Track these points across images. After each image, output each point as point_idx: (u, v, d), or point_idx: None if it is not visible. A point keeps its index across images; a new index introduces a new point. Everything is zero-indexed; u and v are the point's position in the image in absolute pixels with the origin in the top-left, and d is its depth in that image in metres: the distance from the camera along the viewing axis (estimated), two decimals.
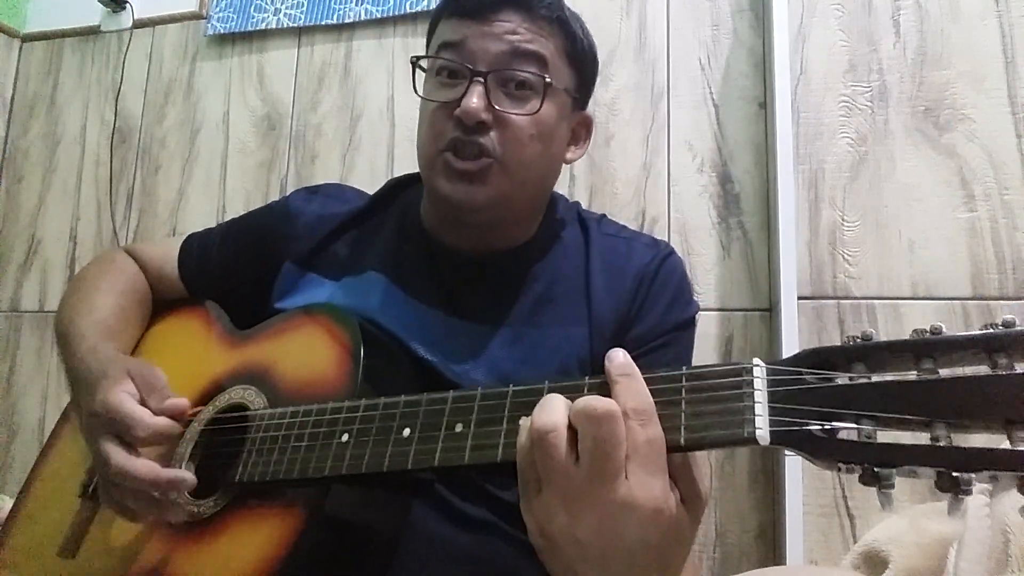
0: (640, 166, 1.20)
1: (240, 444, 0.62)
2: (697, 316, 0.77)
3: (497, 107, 0.68)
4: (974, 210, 1.02)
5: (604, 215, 0.85)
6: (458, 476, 0.67)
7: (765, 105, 1.16)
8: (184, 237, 0.90)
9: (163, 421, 0.61)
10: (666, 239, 1.16)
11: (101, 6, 1.59)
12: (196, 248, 0.87)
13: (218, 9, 1.50)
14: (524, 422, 0.42)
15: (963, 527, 0.73)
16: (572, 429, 0.40)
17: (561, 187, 1.21)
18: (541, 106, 0.69)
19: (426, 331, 0.72)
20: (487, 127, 0.67)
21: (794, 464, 0.94)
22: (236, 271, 0.84)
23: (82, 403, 0.65)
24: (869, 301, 1.05)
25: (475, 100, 0.66)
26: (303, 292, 0.77)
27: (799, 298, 1.01)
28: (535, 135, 0.70)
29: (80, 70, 1.62)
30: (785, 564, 0.93)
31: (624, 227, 0.83)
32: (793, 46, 1.12)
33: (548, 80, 0.69)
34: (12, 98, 1.66)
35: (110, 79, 1.58)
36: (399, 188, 0.85)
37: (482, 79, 0.67)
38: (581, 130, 0.79)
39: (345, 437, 0.55)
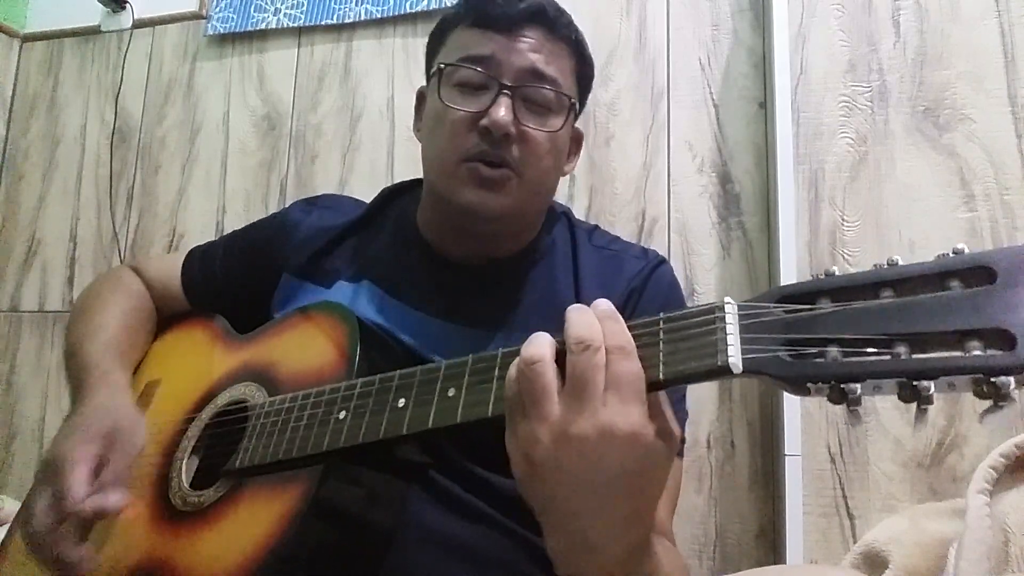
0: (640, 166, 1.20)
1: (240, 434, 0.63)
2: None
3: (522, 122, 0.69)
4: (974, 210, 1.02)
5: (597, 226, 0.86)
6: (453, 447, 0.67)
7: (765, 105, 1.15)
8: (186, 252, 0.91)
9: (88, 509, 0.57)
10: (666, 239, 1.16)
11: (101, 6, 1.58)
12: (198, 263, 0.89)
13: (218, 9, 1.50)
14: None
15: (963, 527, 0.73)
16: (555, 363, 0.43)
17: (561, 187, 1.21)
18: (563, 125, 0.72)
19: (423, 333, 0.73)
20: (511, 140, 0.68)
21: (794, 464, 0.94)
22: (238, 284, 0.86)
23: (69, 429, 0.64)
24: None
25: (503, 112, 0.67)
26: (300, 301, 0.78)
27: None
28: (550, 151, 0.72)
29: (80, 70, 1.62)
30: (785, 564, 0.93)
31: (616, 239, 0.85)
32: (793, 46, 1.12)
33: (573, 101, 0.73)
34: (12, 98, 1.66)
35: (110, 79, 1.58)
36: (394, 196, 0.87)
37: (509, 93, 0.68)
38: (574, 144, 0.82)
39: (343, 415, 0.56)
